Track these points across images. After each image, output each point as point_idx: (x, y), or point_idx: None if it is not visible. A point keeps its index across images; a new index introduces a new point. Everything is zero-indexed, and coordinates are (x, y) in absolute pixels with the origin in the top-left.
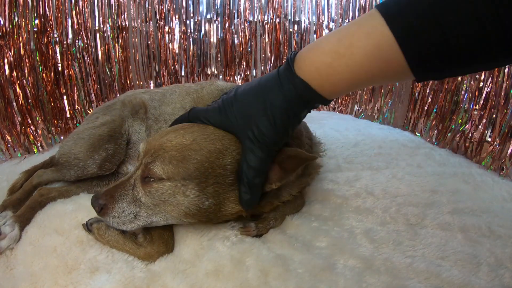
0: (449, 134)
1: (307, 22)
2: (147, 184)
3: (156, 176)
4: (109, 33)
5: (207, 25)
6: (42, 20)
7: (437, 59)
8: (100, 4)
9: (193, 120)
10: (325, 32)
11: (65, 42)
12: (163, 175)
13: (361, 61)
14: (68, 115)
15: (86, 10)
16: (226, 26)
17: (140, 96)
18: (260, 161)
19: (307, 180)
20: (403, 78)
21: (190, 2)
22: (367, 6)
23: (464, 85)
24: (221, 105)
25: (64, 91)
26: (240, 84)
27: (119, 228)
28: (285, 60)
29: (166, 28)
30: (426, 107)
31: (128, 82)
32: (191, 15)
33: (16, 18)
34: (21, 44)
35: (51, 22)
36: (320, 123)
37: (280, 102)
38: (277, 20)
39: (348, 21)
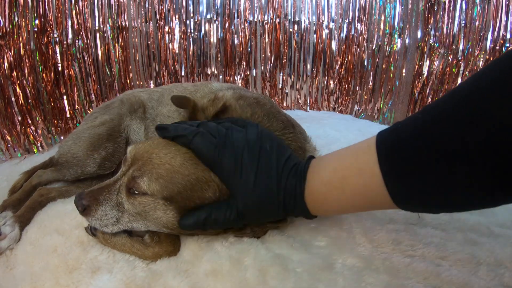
0: None
1: (307, 22)
2: (131, 195)
3: (141, 191)
4: (109, 33)
5: (207, 25)
6: (42, 20)
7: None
8: (100, 4)
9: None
10: (325, 32)
11: (65, 42)
12: (147, 191)
13: (351, 197)
14: (68, 115)
15: (86, 10)
16: (226, 26)
17: (139, 95)
18: (229, 222)
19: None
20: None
21: (190, 2)
22: (367, 6)
23: None
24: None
25: (64, 91)
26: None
27: (101, 229)
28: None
29: (166, 28)
30: None
31: (128, 82)
32: (191, 15)
33: (16, 18)
34: (21, 44)
35: (51, 22)
36: (320, 123)
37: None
38: (277, 20)
39: (348, 21)
